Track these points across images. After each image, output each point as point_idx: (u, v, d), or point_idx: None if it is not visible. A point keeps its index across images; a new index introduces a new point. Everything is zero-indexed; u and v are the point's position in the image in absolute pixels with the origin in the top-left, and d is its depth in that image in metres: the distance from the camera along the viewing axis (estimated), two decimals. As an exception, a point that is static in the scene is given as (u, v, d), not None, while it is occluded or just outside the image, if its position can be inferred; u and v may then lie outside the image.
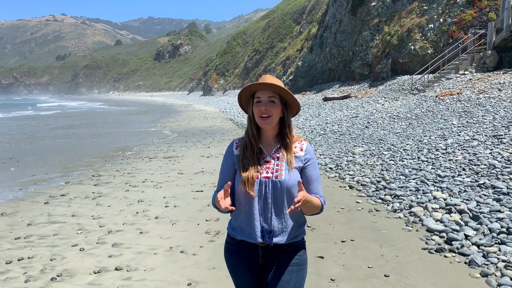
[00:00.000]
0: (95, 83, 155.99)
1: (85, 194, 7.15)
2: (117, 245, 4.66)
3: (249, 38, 73.23)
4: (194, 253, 4.38)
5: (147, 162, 10.36)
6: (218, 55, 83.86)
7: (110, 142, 14.75)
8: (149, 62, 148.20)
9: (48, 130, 20.11)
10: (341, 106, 17.99)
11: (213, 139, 14.74)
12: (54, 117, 31.56)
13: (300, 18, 52.78)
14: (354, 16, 26.18)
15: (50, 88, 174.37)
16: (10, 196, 7.16)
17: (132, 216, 5.82)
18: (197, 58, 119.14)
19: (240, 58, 69.72)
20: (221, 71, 72.07)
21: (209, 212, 5.82)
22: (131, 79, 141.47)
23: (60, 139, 15.75)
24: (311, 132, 13.27)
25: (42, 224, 5.54)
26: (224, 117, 25.99)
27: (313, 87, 29.03)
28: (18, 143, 14.76)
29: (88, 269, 4.02)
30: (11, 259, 4.30)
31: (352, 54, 24.85)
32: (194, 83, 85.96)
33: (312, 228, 5.03)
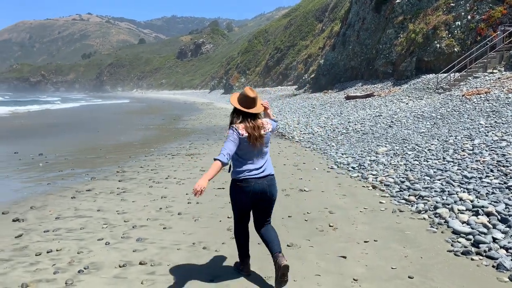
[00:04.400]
0: (119, 81, 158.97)
1: (110, 189, 7.31)
2: (141, 240, 4.75)
3: (271, 36, 73.13)
4: (216, 250, 4.42)
5: (170, 159, 10.51)
6: (240, 54, 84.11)
7: (134, 138, 15.02)
8: (172, 60, 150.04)
9: (74, 127, 20.63)
10: (364, 105, 17.77)
11: (235, 137, 14.80)
12: (80, 113, 32.33)
13: (322, 16, 52.34)
14: (378, 14, 25.78)
15: (76, 86, 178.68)
16: (39, 190, 7.39)
17: (155, 211, 5.92)
18: (218, 57, 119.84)
19: (262, 56, 69.72)
20: (242, 69, 72.26)
21: (230, 210, 5.85)
22: (154, 77, 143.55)
23: (85, 135, 16.13)
24: (333, 131, 13.16)
25: (69, 218, 5.69)
26: (245, 115, 26.04)
27: (335, 86, 28.76)
28: (46, 140, 15.19)
29: (113, 263, 4.11)
30: (40, 251, 4.44)
31: (376, 52, 24.49)
32: (215, 81, 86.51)
33: (334, 228, 5.00)
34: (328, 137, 12.35)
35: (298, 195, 6.59)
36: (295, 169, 8.63)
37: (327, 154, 9.98)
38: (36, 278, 3.79)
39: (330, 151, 10.27)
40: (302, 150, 11.08)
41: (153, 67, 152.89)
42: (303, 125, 15.99)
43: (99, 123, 22.58)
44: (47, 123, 22.90)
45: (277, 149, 11.51)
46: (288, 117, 19.73)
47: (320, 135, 12.96)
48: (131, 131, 17.68)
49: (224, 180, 7.76)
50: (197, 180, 3.52)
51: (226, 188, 7.15)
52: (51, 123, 22.95)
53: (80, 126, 20.94)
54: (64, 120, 25.95)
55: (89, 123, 23.22)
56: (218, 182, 7.62)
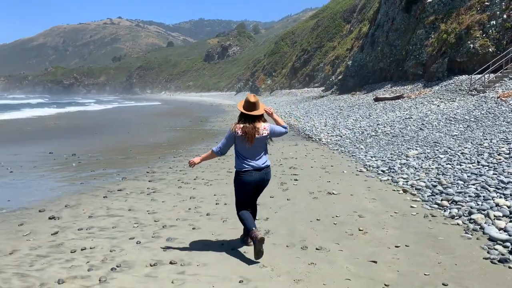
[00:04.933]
0: (148, 84, 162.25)
1: (140, 189, 7.47)
2: (171, 240, 4.82)
3: (298, 38, 72.87)
4: (245, 251, 4.44)
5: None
6: (266, 56, 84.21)
7: (163, 139, 15.29)
8: (199, 63, 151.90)
9: (106, 128, 21.20)
10: (393, 107, 17.42)
11: (261, 139, 14.83)
12: (113, 114, 33.21)
13: (350, 17, 51.73)
14: (408, 14, 25.25)
15: (107, 88, 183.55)
16: (73, 189, 7.63)
17: (184, 212, 6.00)
18: (245, 59, 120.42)
19: (288, 58, 69.56)
20: (269, 71, 72.31)
21: (258, 212, 5.85)
22: (181, 80, 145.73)
23: (116, 136, 16.55)
24: (362, 134, 12.97)
25: (101, 216, 5.85)
26: (272, 117, 26.05)
27: (363, 87, 28.35)
28: (79, 140, 15.68)
29: (144, 262, 4.20)
30: (75, 249, 4.58)
31: (405, 53, 23.98)
32: (241, 84, 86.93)
33: (364, 232, 4.92)
34: (356, 140, 12.17)
35: (326, 198, 6.53)
36: (322, 171, 8.56)
37: (356, 157, 9.84)
38: (71, 275, 3.92)
39: (359, 153, 10.12)
40: (330, 153, 10.97)
41: (181, 69, 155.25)
42: (330, 127, 15.84)
43: (130, 125, 23.11)
44: (81, 124, 23.63)
45: (304, 151, 11.44)
46: (315, 119, 19.59)
47: (348, 138, 12.80)
48: (160, 133, 18.00)
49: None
50: (225, 181, 5.57)
51: (253, 190, 7.16)
52: (85, 124, 23.67)
53: (111, 127, 21.50)
54: (97, 121, 26.72)
55: (120, 124, 23.80)
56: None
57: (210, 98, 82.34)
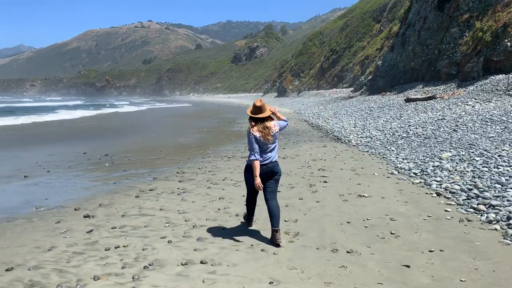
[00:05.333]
0: (177, 86, 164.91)
1: (171, 189, 7.60)
2: (201, 240, 4.88)
3: (326, 38, 72.21)
4: (275, 252, 4.43)
5: (226, 161, 10.71)
6: (294, 56, 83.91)
7: (192, 140, 15.50)
8: (227, 64, 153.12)
9: (137, 129, 21.70)
10: (425, 107, 16.97)
11: (288, 140, 14.78)
12: (144, 116, 33.96)
13: (380, 16, 50.81)
14: (441, 12, 24.53)
15: (137, 90, 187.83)
16: (106, 189, 7.85)
17: (214, 212, 6.06)
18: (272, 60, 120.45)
19: (316, 58, 69.05)
20: (296, 72, 72.00)
21: (287, 213, 5.86)
22: (209, 82, 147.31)
23: (147, 137, 16.90)
24: (392, 135, 12.70)
25: (134, 216, 5.99)
26: (299, 118, 25.92)
27: (393, 88, 27.76)
28: (111, 141, 16.12)
29: (176, 261, 4.27)
30: (109, 246, 4.71)
31: (438, 53, 23.31)
32: (269, 85, 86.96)
33: (396, 235, 4.82)
34: (387, 141, 11.93)
35: (357, 200, 6.43)
36: (352, 173, 8.44)
37: (387, 159, 9.65)
38: (106, 272, 4.03)
39: (390, 155, 9.91)
40: (360, 155, 10.80)
41: (209, 71, 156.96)
42: (360, 128, 15.59)
43: (160, 126, 23.56)
44: (114, 125, 24.29)
45: (333, 153, 11.32)
46: (344, 120, 19.34)
47: (378, 139, 12.57)
48: (189, 133, 18.26)
49: (280, 184, 7.76)
50: None
51: (282, 191, 7.16)
52: (118, 125, 24.32)
53: (143, 128, 21.99)
54: (129, 122, 27.39)
55: (151, 125, 24.31)
56: (274, 185, 7.62)
57: (238, 99, 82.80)
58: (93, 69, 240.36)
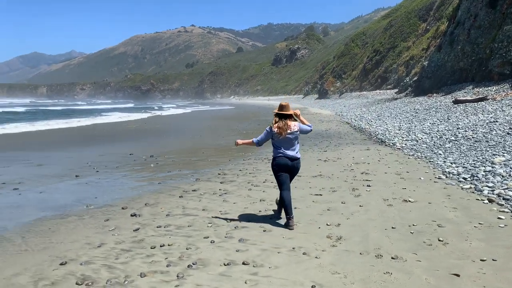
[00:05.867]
0: (218, 88, 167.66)
1: (213, 190, 7.73)
2: (243, 241, 4.92)
3: (369, 39, 70.67)
4: (317, 256, 4.39)
5: (266, 163, 10.74)
6: (335, 58, 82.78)
7: (232, 142, 15.66)
8: (267, 67, 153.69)
9: (181, 131, 22.27)
10: (476, 109, 16.16)
11: (330, 143, 14.59)
12: (188, 118, 34.81)
13: (426, 15, 49.02)
14: (493, 9, 23.28)
15: (180, 93, 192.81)
16: (152, 189, 8.11)
17: (255, 214, 6.09)
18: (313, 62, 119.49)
19: (359, 59, 67.72)
20: (338, 73, 70.95)
21: (329, 217, 5.78)
22: (250, 84, 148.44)
23: (190, 139, 17.30)
24: (440, 138, 12.20)
25: (178, 215, 6.15)
26: (341, 120, 25.53)
27: (440, 89, 26.65)
28: (156, 142, 16.64)
29: (219, 261, 4.33)
30: (154, 245, 4.87)
31: (490, 52, 22.12)
32: (309, 87, 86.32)
33: (444, 243, 4.63)
34: (434, 145, 11.48)
35: (402, 205, 6.24)
36: (397, 178, 8.19)
37: (434, 163, 9.28)
38: (152, 269, 4.17)
39: (437, 159, 9.52)
40: (405, 158, 10.46)
41: (249, 74, 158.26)
42: (405, 131, 15.11)
43: (202, 127, 24.03)
44: (160, 127, 25.07)
45: (376, 156, 11.05)
46: (388, 122, 18.82)
47: (424, 142, 12.12)
48: (230, 135, 18.48)
49: (321, 187, 7.69)
50: (294, 185, 6.57)
51: (324, 195, 7.08)
52: (163, 127, 25.08)
53: (186, 130, 22.53)
54: (174, 124, 28.16)
55: (194, 127, 24.85)
56: (315, 188, 7.57)
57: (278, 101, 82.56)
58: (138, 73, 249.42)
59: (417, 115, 19.10)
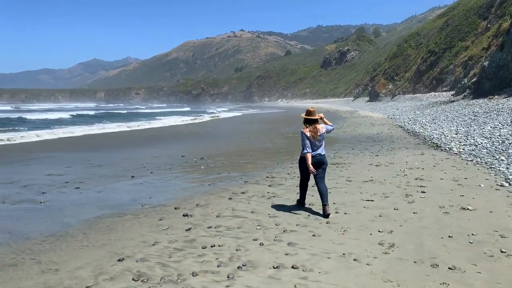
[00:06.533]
0: (266, 92, 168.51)
1: (261, 193, 7.78)
2: (292, 244, 4.92)
3: (423, 39, 67.88)
4: (368, 263, 4.29)
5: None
6: (387, 59, 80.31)
7: (280, 145, 15.69)
8: (316, 69, 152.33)
9: (231, 134, 22.64)
10: (543, 112, 14.99)
11: (382, 147, 14.17)
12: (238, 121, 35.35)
13: (487, 13, 46.24)
14: None
15: (229, 97, 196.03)
16: (202, 190, 8.32)
17: (304, 218, 6.06)
18: (364, 63, 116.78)
19: (412, 60, 65.22)
20: (390, 75, 68.73)
21: (381, 223, 5.62)
22: (298, 87, 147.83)
23: (239, 142, 17.54)
24: (502, 143, 11.44)
25: (228, 217, 6.26)
26: (393, 123, 24.70)
27: (503, 90, 24.99)
28: (207, 145, 17.03)
29: (267, 263, 4.36)
30: (205, 245, 4.99)
31: (560, 50, 20.42)
32: (360, 89, 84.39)
33: (507, 254, 4.35)
34: (495, 150, 10.79)
35: (460, 214, 5.92)
36: (454, 184, 7.79)
37: (495, 169, 8.72)
38: (203, 269, 4.28)
39: (499, 165, 8.94)
40: (463, 164, 9.93)
41: (297, 77, 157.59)
42: (463, 135, 14.33)
43: (252, 130, 24.27)
44: (210, 130, 25.67)
45: (431, 161, 10.58)
46: (444, 126, 17.95)
47: (485, 147, 11.42)
48: (278, 138, 18.51)
49: (372, 192, 7.50)
50: (344, 190, 7.61)
51: (375, 201, 6.89)
52: (213, 130, 25.65)
53: (235, 133, 22.88)
54: (225, 127, 28.71)
55: (244, 130, 25.18)
56: (367, 194, 7.39)
57: (327, 104, 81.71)
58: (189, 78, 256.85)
59: (476, 119, 18.06)
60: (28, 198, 7.73)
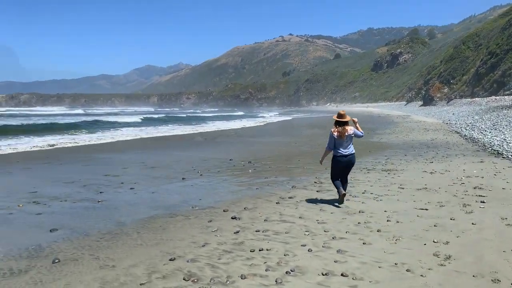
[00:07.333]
0: (314, 96, 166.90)
1: (309, 198, 7.71)
2: (341, 252, 4.83)
3: (483, 40, 64.14)
4: (422, 275, 4.11)
5: (365, 173, 10.39)
6: (443, 62, 76.73)
7: (329, 151, 15.44)
8: (366, 73, 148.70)
9: (278, 138, 22.68)
10: None
11: (436, 154, 13.55)
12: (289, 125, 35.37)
13: (556, 10, 42.83)
14: None
15: (276, 101, 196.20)
16: (250, 193, 8.39)
17: (354, 225, 5.92)
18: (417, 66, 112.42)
19: (470, 63, 61.83)
20: (446, 78, 65.58)
21: (437, 233, 5.38)
22: (347, 91, 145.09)
23: (286, 146, 17.51)
24: None
25: (275, 221, 6.27)
26: (448, 129, 23.54)
27: None
28: (254, 148, 17.18)
29: (316, 270, 4.31)
30: (254, 248, 5.02)
31: None
32: (413, 93, 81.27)
33: None
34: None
35: (524, 226, 5.52)
36: (518, 194, 7.28)
37: None
38: (251, 272, 4.31)
39: None
40: (527, 173, 9.25)
41: (347, 81, 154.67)
42: (527, 142, 13.36)
43: (301, 134, 24.16)
44: (258, 134, 25.89)
45: (492, 170, 9.96)
46: (506, 132, 16.82)
47: (552, 155, 10.58)
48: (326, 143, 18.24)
49: (427, 201, 7.19)
50: (396, 197, 7.45)
51: (430, 210, 6.61)
52: (261, 134, 25.84)
53: (283, 137, 22.88)
54: (274, 131, 28.83)
55: (293, 134, 25.12)
56: (420, 202, 7.10)
57: (377, 108, 79.48)
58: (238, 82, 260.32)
59: (543, 124, 16.76)
60: (87, 197, 8.21)
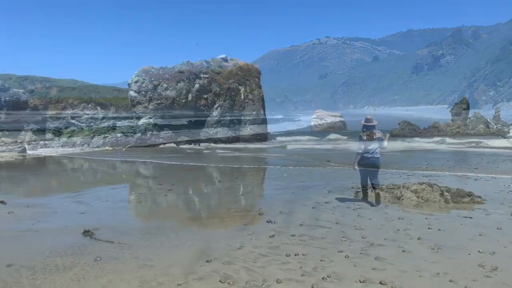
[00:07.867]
0: (351, 99, 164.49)
1: (346, 204, 7.58)
2: (379, 259, 4.70)
3: (533, 40, 60.80)
4: (466, 286, 3.93)
5: (405, 179, 10.11)
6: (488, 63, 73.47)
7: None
8: (406, 75, 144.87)
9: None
10: None
11: (481, 159, 13.03)
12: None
13: None
14: None
15: (312, 104, 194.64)
16: (286, 197, 8.34)
17: (393, 232, 5.76)
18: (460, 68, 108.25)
19: (518, 64, 58.76)
20: (492, 81, 62.73)
21: (482, 243, 5.13)
22: (386, 94, 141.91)
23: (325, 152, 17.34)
24: None
25: (311, 226, 6.19)
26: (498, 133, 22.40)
27: None
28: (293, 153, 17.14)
29: (353, 277, 4.21)
30: (289, 253, 4.99)
31: None
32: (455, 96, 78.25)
33: None
34: None
35: None
36: None
37: None
38: (287, 276, 4.28)
39: None
40: None
41: (385, 83, 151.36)
42: None
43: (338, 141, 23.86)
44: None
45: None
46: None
47: None
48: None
49: (471, 209, 6.88)
50: (437, 205, 7.27)
51: (474, 218, 6.32)
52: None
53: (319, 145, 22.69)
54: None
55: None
56: (464, 210, 6.80)
57: (417, 112, 77.12)
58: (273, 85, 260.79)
59: None
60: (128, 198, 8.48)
